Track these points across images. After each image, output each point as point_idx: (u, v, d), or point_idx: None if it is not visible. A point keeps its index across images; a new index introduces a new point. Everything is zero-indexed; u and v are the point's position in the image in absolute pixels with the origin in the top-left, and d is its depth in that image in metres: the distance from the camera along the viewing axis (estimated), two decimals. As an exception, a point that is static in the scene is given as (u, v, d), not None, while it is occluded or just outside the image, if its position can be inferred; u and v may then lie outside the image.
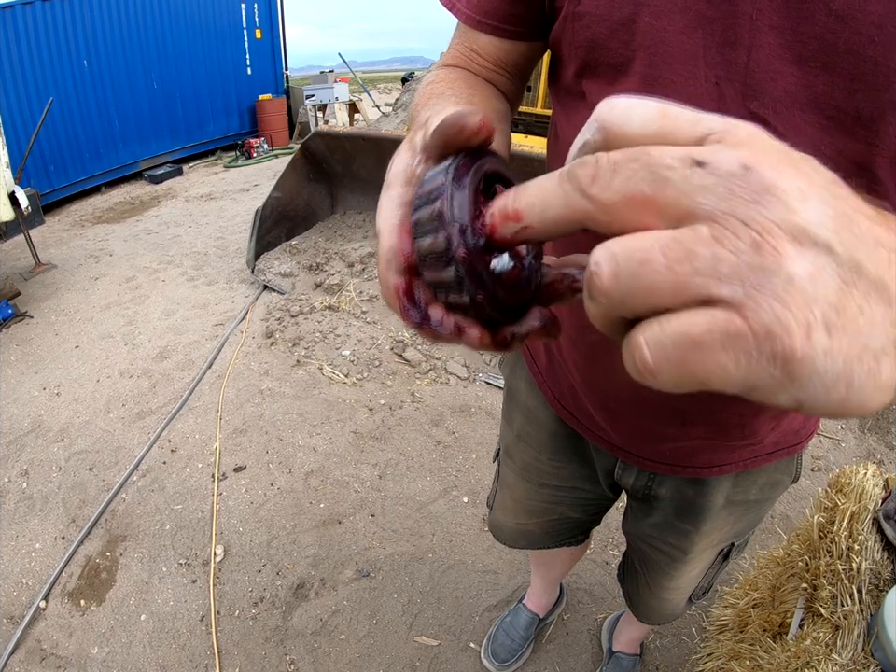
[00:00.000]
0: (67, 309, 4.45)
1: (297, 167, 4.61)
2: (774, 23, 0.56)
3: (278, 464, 2.84)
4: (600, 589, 2.26)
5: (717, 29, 0.58)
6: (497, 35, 0.79)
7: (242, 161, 9.26)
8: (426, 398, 3.25)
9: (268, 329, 3.89)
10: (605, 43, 0.65)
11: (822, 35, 0.54)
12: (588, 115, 0.54)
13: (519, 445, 1.27)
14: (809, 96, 0.57)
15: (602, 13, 0.64)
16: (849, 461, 2.73)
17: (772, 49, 0.56)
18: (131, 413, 3.23)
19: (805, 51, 0.55)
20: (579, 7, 0.66)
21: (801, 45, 0.55)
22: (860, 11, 0.52)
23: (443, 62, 0.85)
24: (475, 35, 0.80)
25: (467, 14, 0.80)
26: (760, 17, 0.56)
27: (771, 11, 0.55)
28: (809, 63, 0.56)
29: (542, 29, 0.78)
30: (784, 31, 0.56)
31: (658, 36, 0.61)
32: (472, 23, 0.79)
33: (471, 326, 0.36)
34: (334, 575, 2.31)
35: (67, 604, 2.25)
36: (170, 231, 6.04)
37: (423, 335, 0.38)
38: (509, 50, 0.81)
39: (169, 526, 2.54)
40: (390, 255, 0.38)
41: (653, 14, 0.61)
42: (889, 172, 0.59)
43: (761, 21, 0.56)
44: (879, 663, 1.21)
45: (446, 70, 0.81)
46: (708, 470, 0.98)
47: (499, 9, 0.76)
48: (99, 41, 7.56)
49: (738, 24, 0.57)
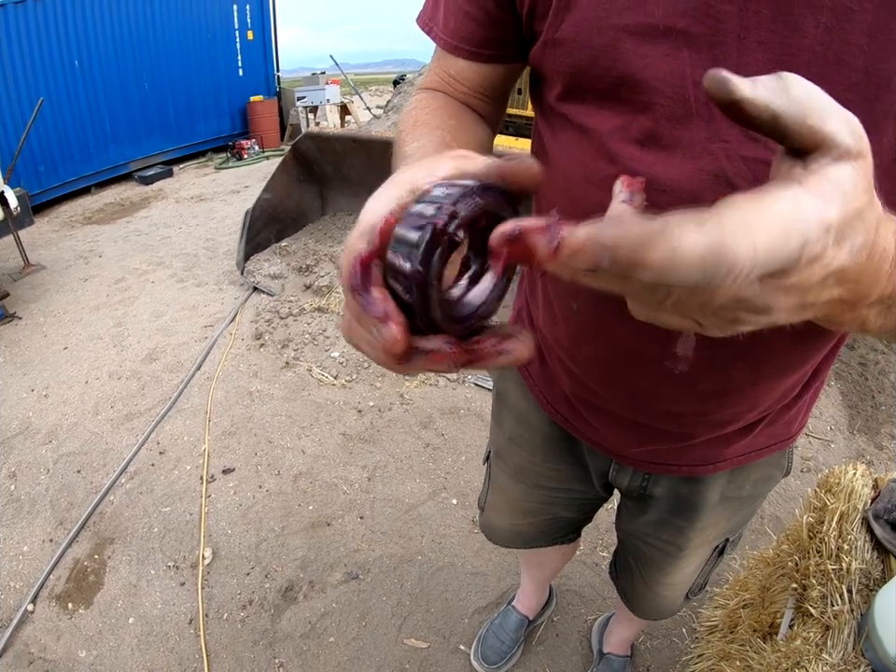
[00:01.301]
0: (56, 310, 4.42)
1: (287, 169, 4.59)
2: (762, 39, 0.55)
3: (267, 466, 2.83)
4: (590, 591, 2.25)
5: (703, 48, 0.57)
6: (473, 59, 0.79)
7: (233, 162, 9.21)
8: (415, 399, 3.24)
9: (257, 330, 3.87)
10: (587, 70, 0.64)
11: (812, 47, 0.54)
12: (574, 136, 0.57)
13: (511, 448, 1.27)
14: None
15: (582, 40, 0.63)
16: (839, 462, 2.74)
17: (760, 65, 0.56)
18: (119, 414, 3.21)
19: (795, 64, 0.55)
20: (558, 33, 0.65)
21: (790, 58, 0.55)
22: (848, 21, 0.52)
23: (424, 83, 0.86)
24: (453, 60, 0.81)
25: (444, 40, 0.80)
26: (747, 35, 0.55)
27: (759, 27, 0.55)
28: (799, 75, 0.55)
29: (520, 50, 0.78)
30: (773, 46, 0.55)
31: (642, 62, 0.60)
32: (449, 48, 0.80)
33: (397, 322, 0.37)
34: (323, 577, 2.30)
35: (55, 607, 2.23)
36: (160, 233, 6.01)
37: (349, 307, 0.41)
38: (486, 74, 0.81)
39: (157, 529, 2.52)
40: (367, 228, 0.40)
41: (634, 40, 0.60)
42: (881, 182, 0.58)
43: (748, 39, 0.56)
44: (870, 662, 1.21)
45: (429, 96, 0.82)
46: (703, 468, 0.98)
47: (475, 34, 0.76)
48: (90, 41, 7.51)
49: (725, 43, 0.56)
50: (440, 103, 0.80)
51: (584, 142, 0.70)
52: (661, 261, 0.27)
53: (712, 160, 0.60)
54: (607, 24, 0.61)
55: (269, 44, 10.38)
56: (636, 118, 0.63)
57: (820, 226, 0.29)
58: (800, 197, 0.29)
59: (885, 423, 3.05)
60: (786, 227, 0.28)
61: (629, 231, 0.28)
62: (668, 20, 0.57)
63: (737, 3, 0.55)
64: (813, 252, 0.29)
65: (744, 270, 0.27)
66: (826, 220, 0.29)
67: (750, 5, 0.55)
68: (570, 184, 0.74)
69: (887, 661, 1.16)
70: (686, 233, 0.27)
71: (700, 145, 0.61)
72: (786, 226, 0.28)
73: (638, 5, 0.59)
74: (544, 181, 0.85)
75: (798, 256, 0.29)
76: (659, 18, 0.58)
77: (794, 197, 0.29)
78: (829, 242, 0.30)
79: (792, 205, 0.29)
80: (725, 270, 0.27)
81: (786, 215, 0.28)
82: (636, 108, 0.63)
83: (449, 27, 0.78)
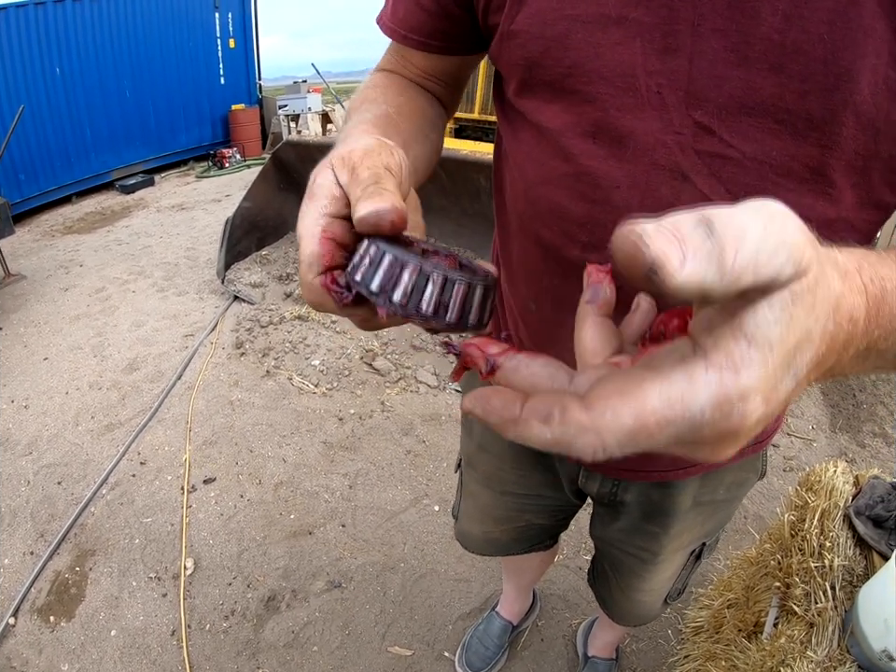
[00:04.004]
0: (37, 320, 4.37)
1: (267, 177, 4.58)
2: (717, 27, 0.54)
3: (248, 475, 2.80)
4: (574, 594, 2.24)
5: (656, 36, 0.56)
6: (422, 49, 0.79)
7: (214, 171, 9.19)
8: (395, 406, 3.23)
9: (238, 339, 3.85)
10: (540, 61, 0.63)
11: (769, 35, 0.53)
12: (531, 135, 0.58)
13: (481, 455, 1.26)
14: (757, 100, 0.55)
15: (535, 31, 0.62)
16: (821, 460, 2.73)
17: (715, 53, 0.55)
18: (100, 425, 3.18)
19: (751, 53, 0.54)
20: (512, 25, 0.65)
21: (746, 46, 0.54)
22: (807, 9, 0.51)
23: (380, 65, 0.86)
24: (403, 48, 0.81)
25: (392, 28, 0.80)
26: (702, 22, 0.54)
27: (714, 15, 0.54)
28: (756, 64, 0.54)
29: (474, 43, 0.78)
30: (728, 33, 0.54)
31: (593, 52, 0.59)
32: (398, 38, 0.79)
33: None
34: (305, 586, 2.28)
35: (37, 620, 2.20)
36: (141, 242, 5.97)
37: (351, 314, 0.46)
38: (437, 63, 0.81)
39: (139, 540, 2.50)
40: (312, 259, 0.44)
41: (587, 29, 0.59)
42: (843, 174, 0.57)
43: (703, 27, 0.55)
44: (855, 658, 1.22)
45: (382, 76, 0.82)
46: (674, 473, 0.97)
47: (424, 25, 0.76)
48: (72, 48, 7.46)
49: (679, 31, 0.56)
50: (390, 81, 0.81)
51: (541, 141, 0.69)
52: (534, 442, 0.30)
53: (666, 153, 0.60)
54: (560, 14, 0.60)
55: (251, 52, 10.38)
56: (584, 109, 0.63)
57: (718, 402, 0.27)
58: (696, 374, 0.27)
59: (866, 421, 3.07)
60: (665, 415, 0.27)
61: (500, 415, 0.31)
62: (621, 9, 0.57)
63: None
64: (719, 427, 0.27)
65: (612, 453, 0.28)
66: (733, 394, 0.27)
67: None
68: (528, 185, 0.74)
69: (872, 656, 1.17)
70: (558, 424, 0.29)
71: (652, 136, 0.60)
72: (665, 414, 0.27)
73: None
74: (506, 183, 0.85)
75: (695, 437, 0.28)
76: (612, 7, 0.57)
77: (688, 378, 0.27)
78: (746, 406, 0.27)
79: (683, 386, 0.27)
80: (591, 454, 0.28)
81: (670, 399, 0.27)
82: (584, 99, 0.62)
83: (398, 16, 0.78)
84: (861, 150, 0.56)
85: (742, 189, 0.60)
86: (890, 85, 0.52)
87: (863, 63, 0.51)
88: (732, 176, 0.60)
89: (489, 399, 0.32)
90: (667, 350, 0.31)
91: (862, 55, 0.51)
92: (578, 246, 0.71)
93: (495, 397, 0.32)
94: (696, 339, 0.30)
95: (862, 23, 0.50)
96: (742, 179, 0.59)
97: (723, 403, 0.26)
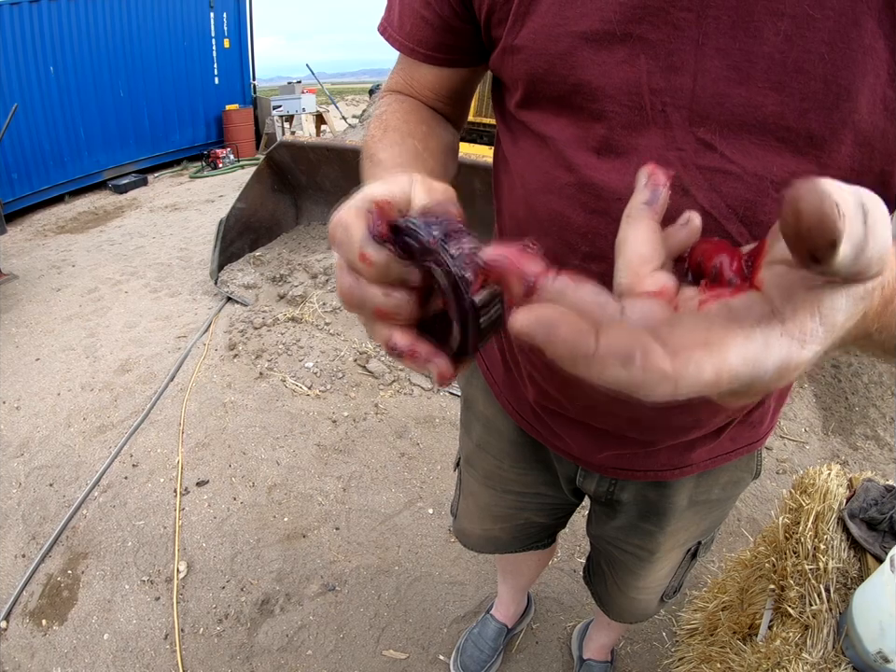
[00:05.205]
0: (28, 321, 4.35)
1: (261, 178, 4.57)
2: (720, 45, 0.55)
3: (241, 478, 2.79)
4: (569, 597, 2.24)
5: (661, 54, 0.57)
6: (429, 62, 0.80)
7: (208, 171, 9.18)
8: (389, 409, 3.22)
9: (231, 341, 3.83)
10: (544, 77, 0.64)
11: (770, 54, 0.54)
12: (533, 144, 0.57)
13: (480, 454, 1.26)
14: (758, 118, 0.56)
15: (539, 47, 0.63)
16: (814, 463, 2.76)
17: (718, 71, 0.56)
18: (92, 427, 3.16)
19: (754, 71, 0.55)
20: (516, 40, 0.65)
21: (749, 65, 0.55)
22: (809, 29, 0.52)
23: (390, 86, 0.87)
24: (411, 63, 0.82)
25: (399, 41, 0.80)
26: (706, 40, 0.55)
27: (718, 34, 0.55)
28: (758, 83, 0.55)
29: (478, 55, 0.78)
30: (731, 52, 0.55)
31: (599, 70, 0.60)
32: (407, 51, 0.80)
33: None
34: (299, 590, 2.27)
35: (29, 624, 2.18)
36: (134, 242, 5.95)
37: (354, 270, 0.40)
38: (444, 77, 0.82)
39: (131, 543, 2.48)
40: (362, 202, 0.40)
41: (592, 47, 0.59)
42: None
43: (707, 45, 0.55)
44: (850, 660, 1.23)
45: (397, 100, 0.83)
46: (670, 473, 0.98)
47: (430, 38, 0.77)
48: (66, 47, 7.45)
49: (683, 50, 0.56)
50: (408, 107, 0.81)
51: (544, 150, 0.70)
52: (608, 382, 0.29)
53: (668, 168, 0.61)
54: (564, 31, 0.60)
55: (245, 52, 10.38)
56: (592, 125, 0.64)
57: (780, 368, 0.29)
58: (772, 338, 0.29)
59: (858, 424, 3.08)
60: (738, 372, 0.28)
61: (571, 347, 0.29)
62: (626, 26, 0.57)
63: (696, 9, 0.55)
64: (768, 387, 0.30)
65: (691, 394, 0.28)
66: (792, 364, 0.29)
67: (710, 11, 0.54)
68: (529, 192, 0.75)
69: (866, 658, 1.17)
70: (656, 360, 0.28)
71: (656, 152, 0.61)
72: (739, 371, 0.28)
73: (596, 11, 0.58)
74: (504, 189, 0.86)
75: (746, 390, 0.30)
76: (616, 25, 0.58)
77: (766, 340, 0.29)
78: (793, 375, 0.30)
79: (759, 348, 0.29)
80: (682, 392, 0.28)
81: (746, 359, 0.28)
82: (591, 116, 0.63)
83: (404, 29, 0.79)
84: (855, 167, 0.57)
85: (742, 204, 0.61)
86: (888, 103, 0.53)
87: (863, 82, 0.52)
88: (732, 191, 0.60)
89: (556, 326, 0.28)
90: (745, 304, 0.32)
91: (862, 74, 0.52)
92: (578, 256, 0.71)
93: (563, 323, 0.29)
94: (773, 300, 0.31)
95: (863, 43, 0.51)
96: (742, 194, 0.60)
97: (783, 369, 0.29)
